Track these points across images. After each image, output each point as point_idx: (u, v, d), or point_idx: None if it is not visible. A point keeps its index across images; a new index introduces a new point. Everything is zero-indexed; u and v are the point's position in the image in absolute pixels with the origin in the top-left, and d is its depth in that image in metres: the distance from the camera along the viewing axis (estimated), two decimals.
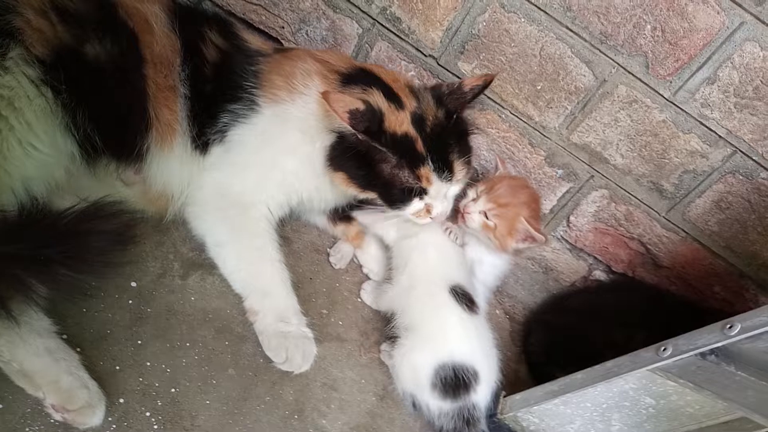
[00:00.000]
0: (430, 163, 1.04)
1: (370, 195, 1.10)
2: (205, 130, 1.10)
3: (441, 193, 1.09)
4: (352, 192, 1.11)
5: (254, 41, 1.16)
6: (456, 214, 1.21)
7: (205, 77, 1.09)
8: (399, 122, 1.04)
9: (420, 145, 1.04)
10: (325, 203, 1.21)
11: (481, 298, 1.20)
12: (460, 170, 1.09)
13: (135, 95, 1.02)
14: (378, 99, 1.04)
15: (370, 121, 1.00)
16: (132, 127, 1.03)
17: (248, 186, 1.11)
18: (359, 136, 1.01)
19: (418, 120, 1.05)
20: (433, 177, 1.05)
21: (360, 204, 1.24)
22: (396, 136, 1.03)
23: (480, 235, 1.20)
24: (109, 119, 0.99)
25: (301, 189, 1.16)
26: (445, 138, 1.07)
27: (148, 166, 1.07)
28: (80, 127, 0.95)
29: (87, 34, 0.96)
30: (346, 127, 1.00)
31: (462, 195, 1.20)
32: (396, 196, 1.07)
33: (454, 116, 1.10)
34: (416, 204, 1.08)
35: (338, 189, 1.12)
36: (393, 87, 1.09)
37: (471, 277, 1.20)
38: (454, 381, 1.00)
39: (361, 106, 0.99)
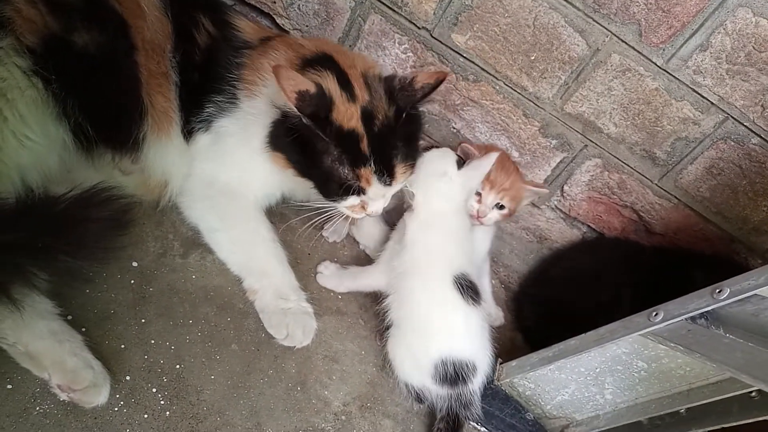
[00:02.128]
0: (372, 165, 0.99)
1: (306, 182, 1.06)
2: (190, 118, 1.09)
3: (379, 194, 1.05)
4: (290, 174, 1.06)
5: (247, 29, 1.13)
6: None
7: (194, 65, 1.08)
8: (348, 115, 0.98)
9: (365, 145, 0.99)
10: (312, 195, 1.18)
11: (486, 279, 1.23)
12: (401, 173, 1.04)
13: (127, 83, 1.01)
14: (331, 84, 0.99)
15: (318, 106, 0.94)
16: (125, 115, 1.02)
17: (233, 178, 1.11)
18: (304, 120, 0.94)
19: (367, 116, 1.00)
20: (373, 179, 1.01)
21: None
22: (342, 130, 0.97)
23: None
24: (101, 108, 0.98)
25: (283, 184, 1.16)
26: (391, 139, 1.02)
27: (146, 155, 1.06)
28: (71, 117, 0.94)
29: (74, 22, 0.94)
30: (291, 107, 0.94)
31: None
32: (333, 189, 1.03)
33: (404, 114, 1.04)
34: (352, 200, 1.05)
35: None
36: (348, 74, 1.03)
37: (473, 258, 1.18)
38: (454, 375, 1.00)
39: (312, 89, 0.93)
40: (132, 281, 1.01)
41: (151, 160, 1.08)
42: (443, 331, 1.03)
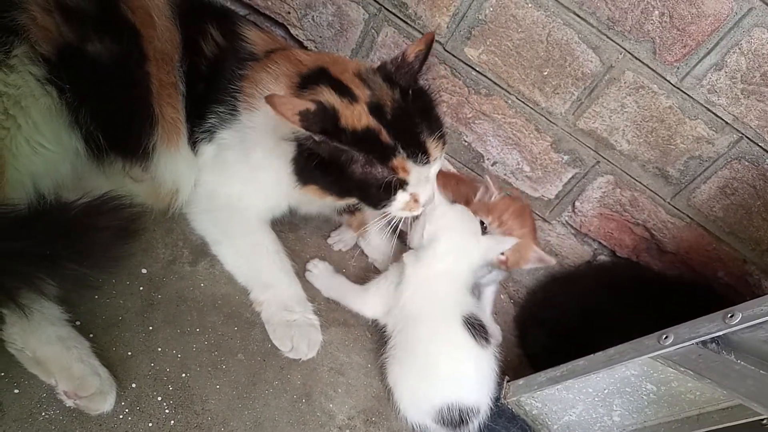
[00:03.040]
0: (401, 150, 0.95)
1: (350, 200, 1.04)
2: (195, 129, 1.09)
3: (422, 177, 1.00)
4: (331, 201, 1.05)
5: (256, 40, 1.12)
6: None
7: (200, 75, 1.08)
8: (356, 116, 0.95)
9: (385, 135, 0.95)
10: (317, 209, 1.20)
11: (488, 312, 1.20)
12: (435, 148, 0.99)
13: (137, 93, 1.01)
14: (328, 96, 0.96)
15: (323, 119, 0.91)
16: (136, 125, 1.02)
17: (234, 191, 1.11)
18: (316, 138, 0.91)
19: (375, 108, 0.96)
20: (409, 164, 0.96)
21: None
22: (357, 131, 0.94)
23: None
24: (112, 118, 0.99)
25: (285, 198, 1.15)
26: (409, 119, 0.98)
27: (156, 164, 1.07)
28: (83, 126, 0.95)
29: (88, 32, 0.95)
30: (300, 131, 0.91)
31: None
32: (377, 195, 0.99)
33: (410, 92, 1.00)
34: (400, 197, 1.00)
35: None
36: (342, 79, 1.00)
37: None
38: (458, 419, 0.98)
39: (312, 106, 0.90)
40: (141, 288, 1.02)
41: (161, 170, 1.08)
42: (451, 380, 1.00)
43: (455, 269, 1.08)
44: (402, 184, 0.98)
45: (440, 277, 1.07)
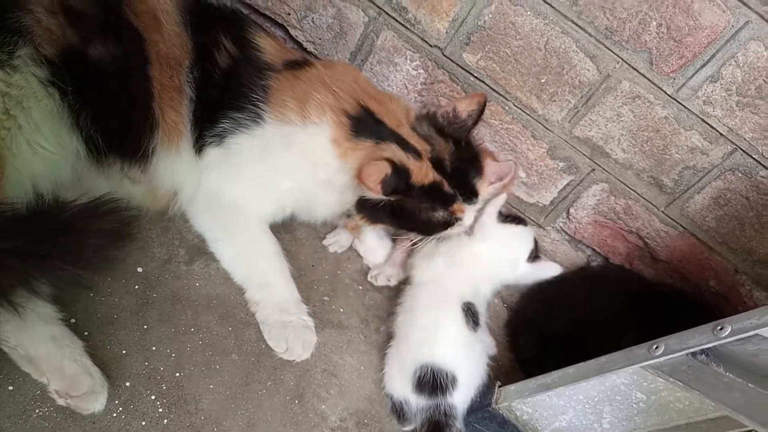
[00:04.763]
0: (459, 197, 1.11)
1: (409, 234, 1.18)
2: (204, 132, 1.10)
3: (471, 213, 1.17)
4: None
5: (268, 48, 1.14)
6: None
7: (213, 82, 1.09)
8: (424, 174, 1.08)
9: (446, 187, 1.10)
10: (320, 217, 1.24)
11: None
12: (481, 188, 1.15)
13: (138, 97, 1.01)
14: (398, 154, 1.07)
15: (398, 182, 1.03)
16: (136, 128, 1.02)
17: (241, 192, 1.13)
18: (391, 200, 1.06)
19: (437, 163, 1.10)
20: (465, 207, 1.13)
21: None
22: (424, 186, 1.08)
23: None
24: (112, 121, 0.99)
25: (293, 205, 1.19)
26: (463, 169, 1.13)
27: (155, 166, 1.07)
28: (84, 129, 0.95)
29: (91, 35, 0.95)
30: (379, 197, 1.04)
31: None
32: (435, 230, 1.15)
33: (462, 144, 1.14)
34: (454, 229, 1.16)
35: (328, 209, 1.21)
36: (402, 135, 1.10)
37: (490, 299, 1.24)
38: (432, 383, 1.02)
39: (389, 170, 1.01)
40: (136, 286, 1.02)
41: (161, 172, 1.08)
42: (430, 338, 1.07)
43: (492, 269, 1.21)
44: (458, 221, 1.15)
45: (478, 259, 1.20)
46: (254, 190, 1.14)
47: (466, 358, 1.07)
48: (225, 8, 1.17)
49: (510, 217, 1.26)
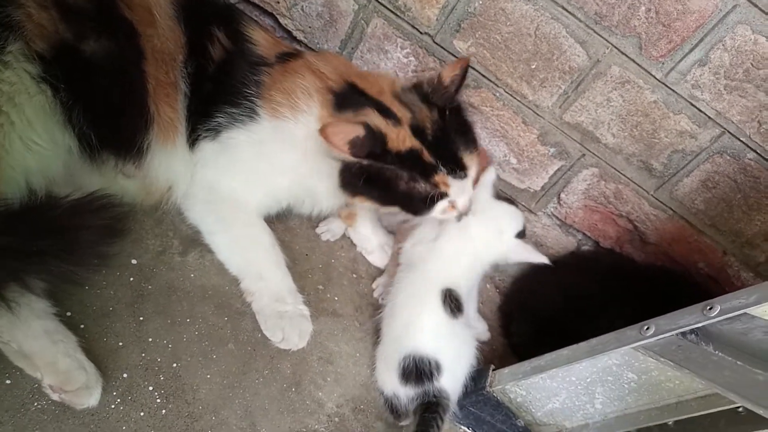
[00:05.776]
0: (442, 168, 1.04)
1: (392, 209, 1.11)
2: (198, 126, 1.10)
3: (460, 189, 1.09)
4: (374, 208, 1.16)
5: (261, 41, 1.13)
6: None
7: (207, 76, 1.08)
8: (401, 139, 1.03)
9: (427, 155, 1.03)
10: (325, 209, 1.23)
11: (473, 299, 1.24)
12: (471, 162, 1.08)
13: (133, 92, 1.00)
14: (375, 118, 1.03)
15: (372, 145, 0.99)
16: (131, 124, 1.02)
17: (237, 186, 1.13)
18: (363, 162, 1.00)
19: (417, 130, 1.04)
20: (449, 179, 1.05)
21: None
22: (401, 153, 1.02)
23: None
24: (106, 117, 0.98)
25: (289, 198, 1.19)
26: (447, 138, 1.07)
27: (149, 162, 1.06)
28: (77, 126, 0.94)
29: (84, 30, 0.93)
30: (347, 158, 1.00)
31: None
32: (419, 206, 1.08)
33: (447, 111, 1.08)
34: (440, 205, 1.09)
35: (329, 201, 1.19)
36: (383, 101, 1.07)
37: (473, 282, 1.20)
38: (416, 371, 1.02)
39: (361, 132, 0.97)
40: (131, 278, 1.02)
41: (156, 167, 1.08)
42: (410, 328, 1.07)
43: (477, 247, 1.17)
44: (442, 196, 1.07)
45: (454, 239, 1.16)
46: (250, 185, 1.14)
47: (448, 343, 1.07)
48: (218, 1, 1.16)
49: (502, 198, 1.25)
